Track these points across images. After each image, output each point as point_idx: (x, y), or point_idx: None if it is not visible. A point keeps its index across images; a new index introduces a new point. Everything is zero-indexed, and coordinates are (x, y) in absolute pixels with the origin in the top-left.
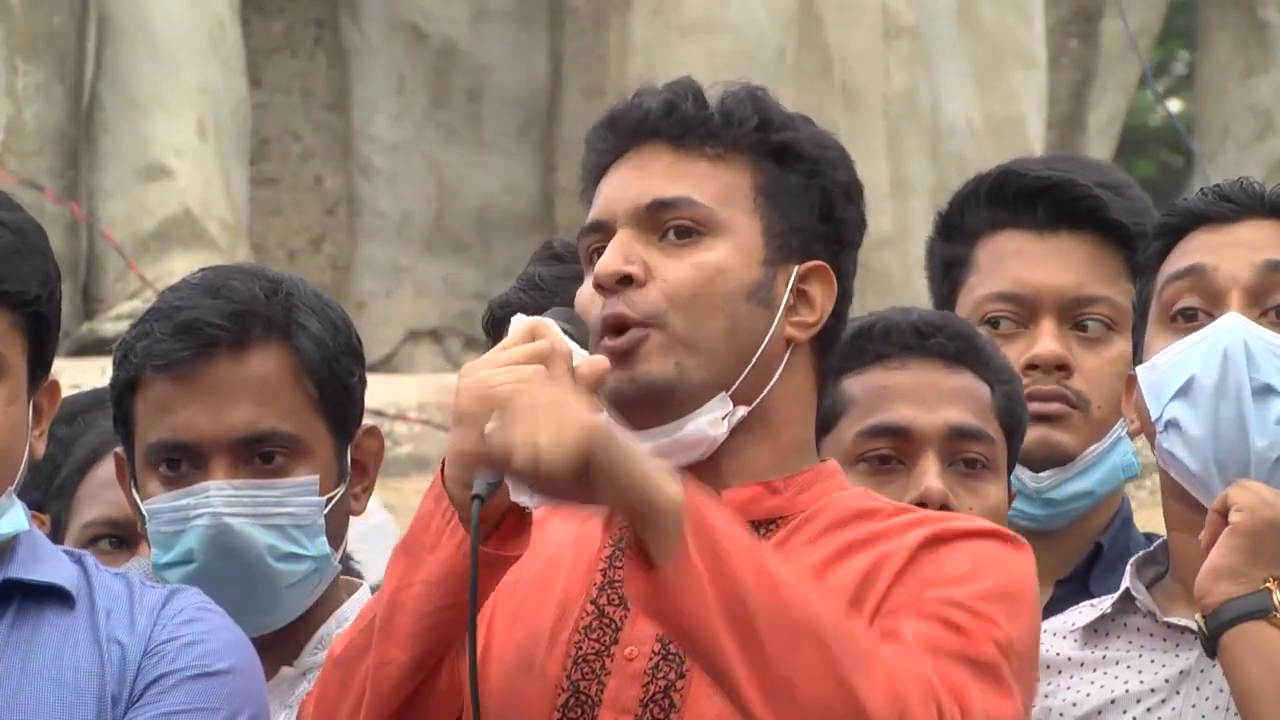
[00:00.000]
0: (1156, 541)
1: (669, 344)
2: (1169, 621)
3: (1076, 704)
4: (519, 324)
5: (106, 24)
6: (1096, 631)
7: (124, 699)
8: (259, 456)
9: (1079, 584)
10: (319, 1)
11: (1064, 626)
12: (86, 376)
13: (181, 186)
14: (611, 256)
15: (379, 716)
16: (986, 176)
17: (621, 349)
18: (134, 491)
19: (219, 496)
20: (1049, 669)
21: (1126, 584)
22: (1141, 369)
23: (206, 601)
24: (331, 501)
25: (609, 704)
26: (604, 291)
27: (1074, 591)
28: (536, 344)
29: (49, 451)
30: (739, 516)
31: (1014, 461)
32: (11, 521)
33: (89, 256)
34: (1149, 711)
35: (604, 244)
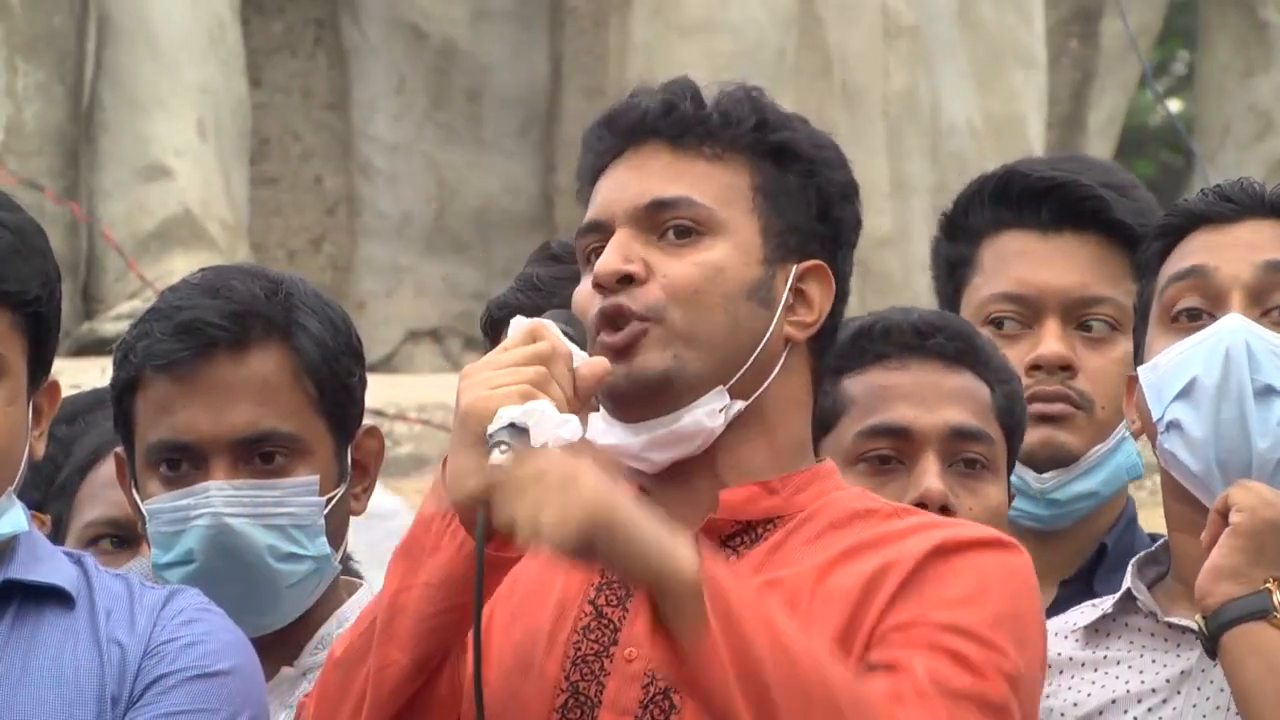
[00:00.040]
0: (1158, 542)
1: (668, 337)
2: (1170, 622)
3: (1077, 704)
4: (519, 325)
5: (106, 24)
6: (1098, 631)
7: (124, 699)
8: (259, 456)
9: (1083, 584)
10: (319, 1)
11: (1065, 626)
12: (86, 376)
13: (181, 186)
14: (611, 256)
15: (379, 719)
16: (991, 176)
17: (620, 344)
18: (134, 491)
19: (219, 496)
20: (1050, 669)
21: (1127, 584)
22: (1143, 369)
23: (206, 602)
24: (332, 502)
25: (609, 705)
26: (604, 291)
27: (1078, 592)
28: (537, 345)
29: (49, 452)
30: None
31: (1013, 462)
32: (11, 522)
33: (89, 256)
34: (1150, 711)
35: (602, 244)
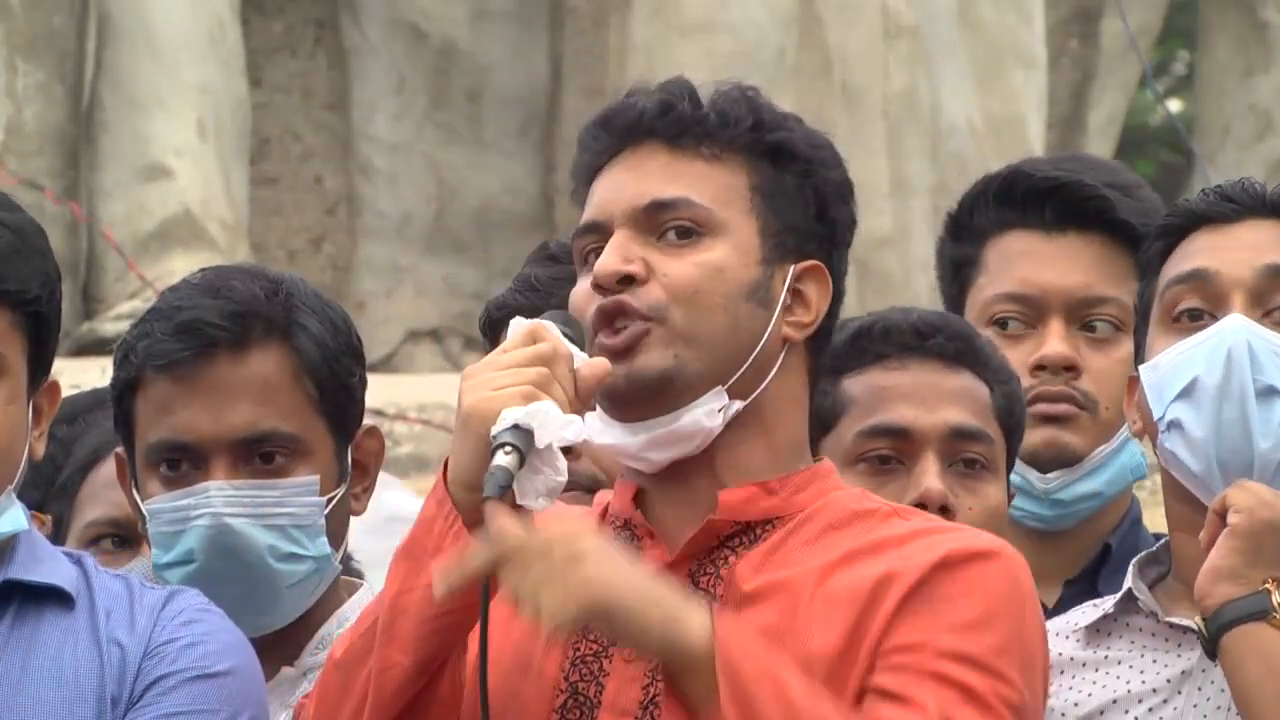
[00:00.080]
0: (1159, 542)
1: (669, 337)
2: (1171, 622)
3: (1078, 704)
4: (519, 326)
5: (106, 24)
6: (1099, 631)
7: (124, 700)
8: (259, 457)
9: (1087, 584)
10: (319, 1)
11: (1066, 626)
12: (86, 376)
13: (181, 186)
14: (611, 256)
15: None
16: (995, 177)
17: (621, 346)
18: (134, 491)
19: (219, 497)
20: (1051, 669)
21: (1128, 584)
22: (1144, 368)
23: (206, 603)
24: (332, 502)
25: (608, 705)
26: (603, 291)
27: (1082, 592)
28: (539, 346)
29: (49, 452)
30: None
31: (1013, 461)
32: (11, 520)
33: (89, 256)
34: (1151, 711)
35: (600, 245)
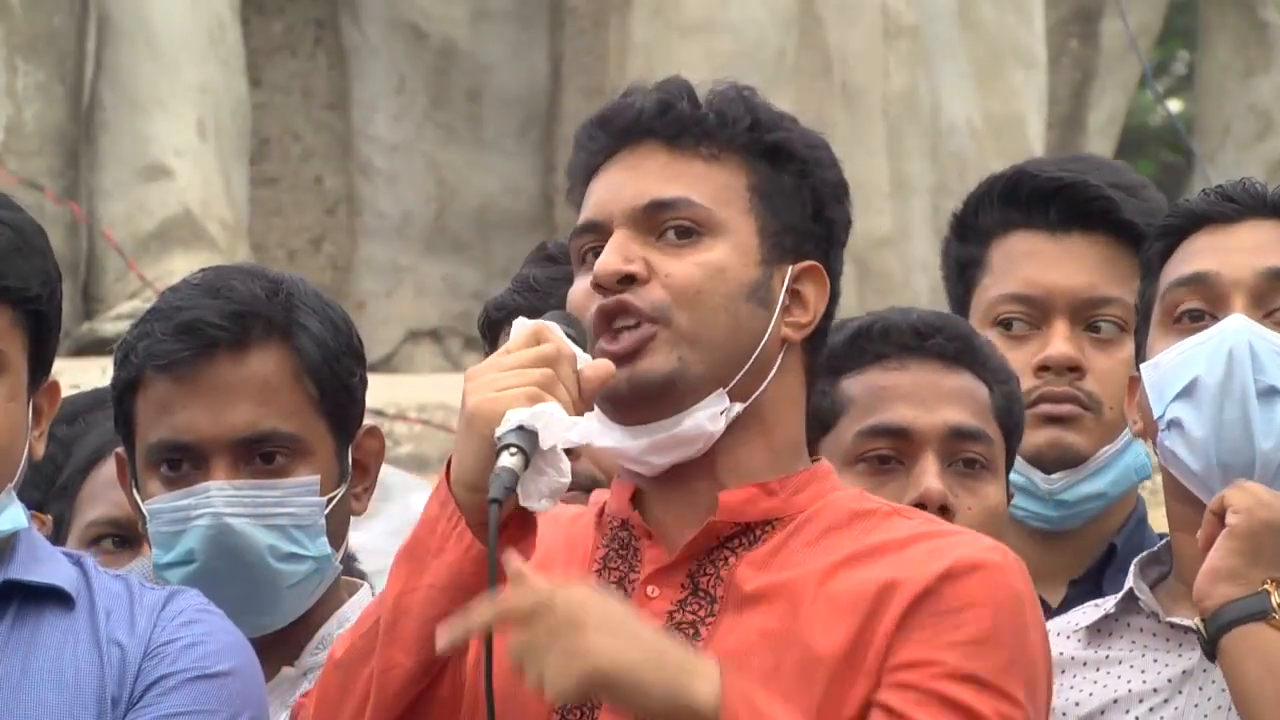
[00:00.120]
0: (1160, 542)
1: (674, 340)
2: (1172, 621)
3: (1079, 704)
4: (522, 327)
5: (106, 24)
6: (1100, 631)
7: (124, 700)
8: (259, 457)
9: (1092, 584)
10: (319, 1)
11: (1068, 626)
12: (86, 376)
13: (181, 186)
14: (611, 256)
15: None
16: (1000, 177)
17: (628, 350)
18: (134, 492)
19: (220, 497)
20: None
21: (1129, 584)
22: (1145, 367)
23: (206, 603)
24: (332, 502)
25: (610, 706)
26: (604, 292)
27: (1087, 592)
28: (543, 348)
29: (49, 452)
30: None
31: (1012, 461)
32: (11, 518)
33: (89, 256)
34: (1151, 711)
35: (599, 244)
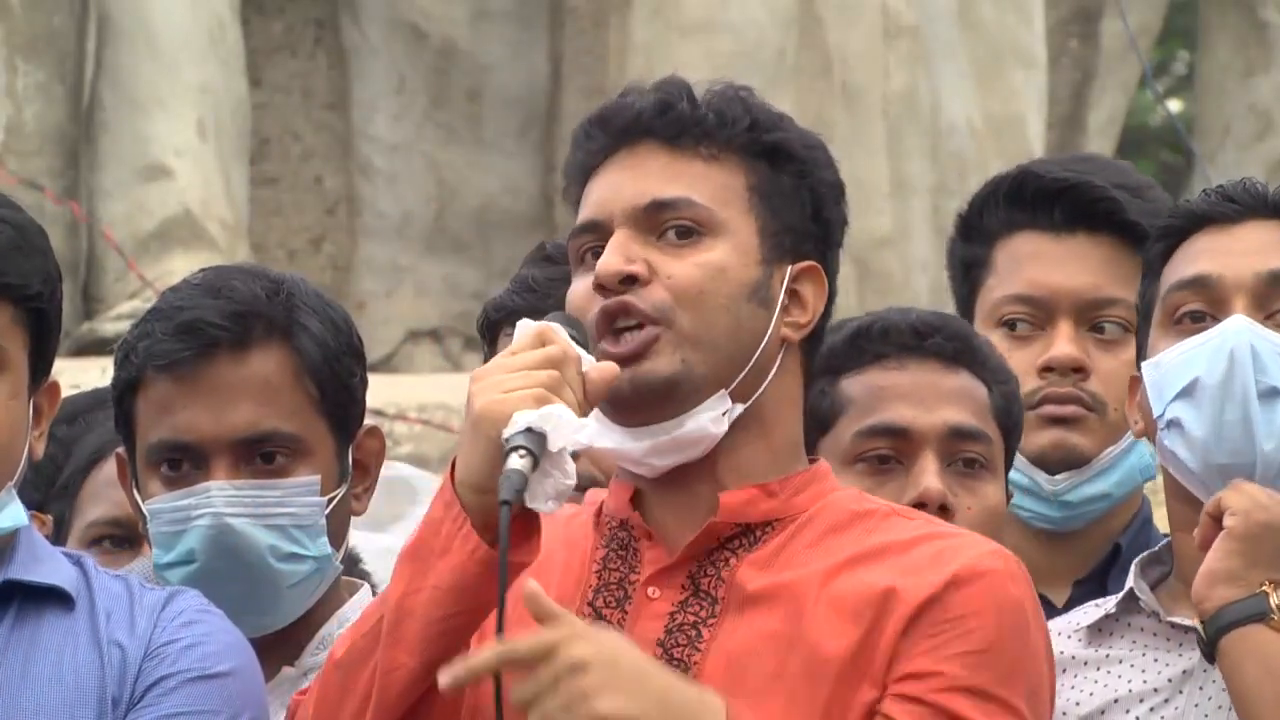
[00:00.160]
0: (1161, 542)
1: (677, 341)
2: (1173, 621)
3: (1080, 703)
4: (526, 329)
5: (106, 24)
6: (1101, 631)
7: (124, 701)
8: (260, 457)
9: (1097, 584)
10: (319, 1)
11: (1068, 626)
12: (86, 376)
13: (181, 186)
14: (613, 256)
15: None
16: (1005, 177)
17: (631, 352)
18: (135, 491)
19: (220, 496)
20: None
21: (1130, 584)
22: (1146, 366)
23: (206, 604)
24: (333, 502)
25: None
26: (605, 292)
27: (1092, 592)
28: (549, 349)
29: (50, 452)
30: None
31: (1011, 461)
32: (11, 516)
33: (89, 256)
34: (1152, 711)
35: (598, 244)
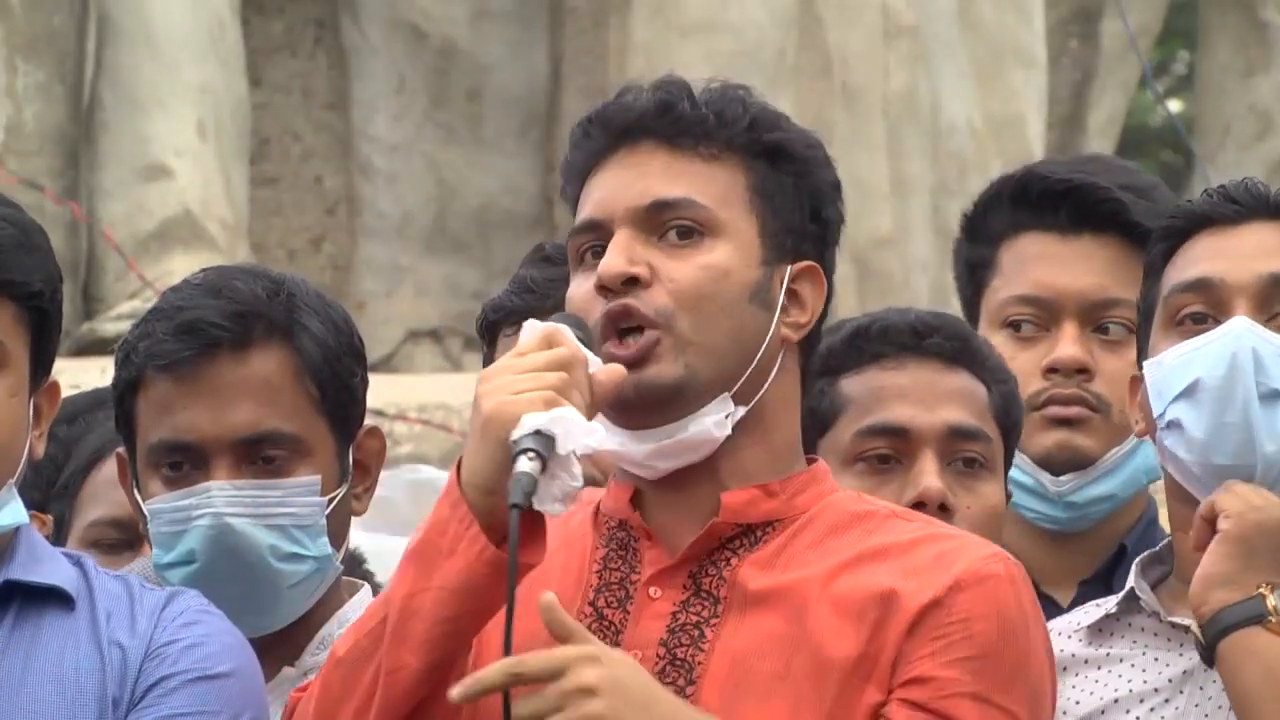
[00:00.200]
0: (1163, 541)
1: (678, 346)
2: (1173, 621)
3: (1080, 702)
4: (533, 330)
5: (106, 24)
6: (1101, 631)
7: (125, 701)
8: (261, 457)
9: (1102, 584)
10: (319, 1)
11: (1069, 625)
12: (86, 376)
13: (181, 186)
14: (615, 258)
15: None
16: (1010, 178)
17: (634, 357)
18: (135, 491)
19: (221, 497)
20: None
21: (1131, 583)
22: (1148, 365)
23: (206, 604)
24: (333, 502)
25: None
26: (608, 293)
27: (1097, 592)
28: (557, 351)
29: (50, 452)
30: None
31: (1010, 461)
32: (11, 514)
33: (89, 256)
34: (1152, 711)
35: (598, 243)
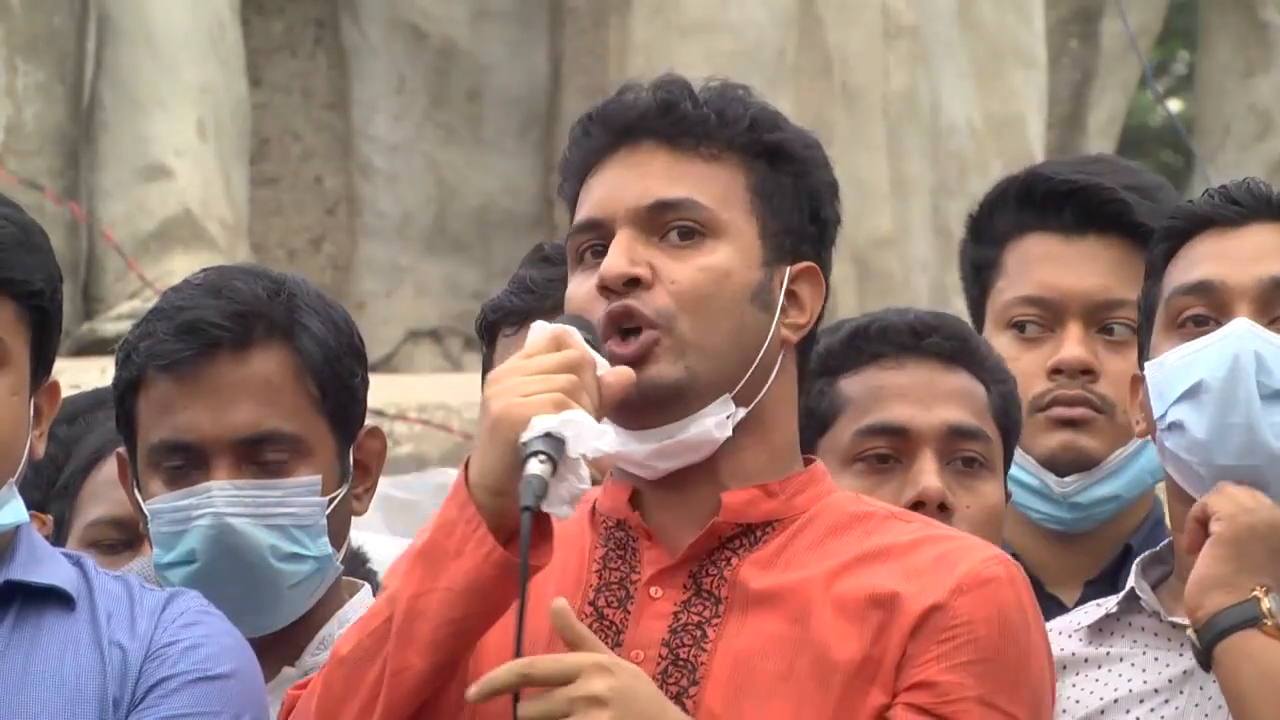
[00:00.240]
0: (1163, 542)
1: (679, 347)
2: (1173, 621)
3: (1080, 702)
4: (541, 331)
5: (106, 24)
6: (1102, 630)
7: (125, 702)
8: (261, 457)
9: (1108, 585)
10: (319, 1)
11: (1070, 625)
12: (86, 376)
13: (181, 186)
14: (617, 258)
15: None
16: (1015, 179)
17: (634, 356)
18: (136, 491)
19: (221, 496)
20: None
21: (1131, 583)
22: (1149, 366)
23: (206, 605)
24: (334, 502)
25: None
26: (609, 294)
27: (1103, 592)
28: (566, 353)
29: (50, 452)
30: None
31: (1009, 461)
32: (12, 513)
33: (89, 256)
34: (1152, 711)
35: (599, 243)
